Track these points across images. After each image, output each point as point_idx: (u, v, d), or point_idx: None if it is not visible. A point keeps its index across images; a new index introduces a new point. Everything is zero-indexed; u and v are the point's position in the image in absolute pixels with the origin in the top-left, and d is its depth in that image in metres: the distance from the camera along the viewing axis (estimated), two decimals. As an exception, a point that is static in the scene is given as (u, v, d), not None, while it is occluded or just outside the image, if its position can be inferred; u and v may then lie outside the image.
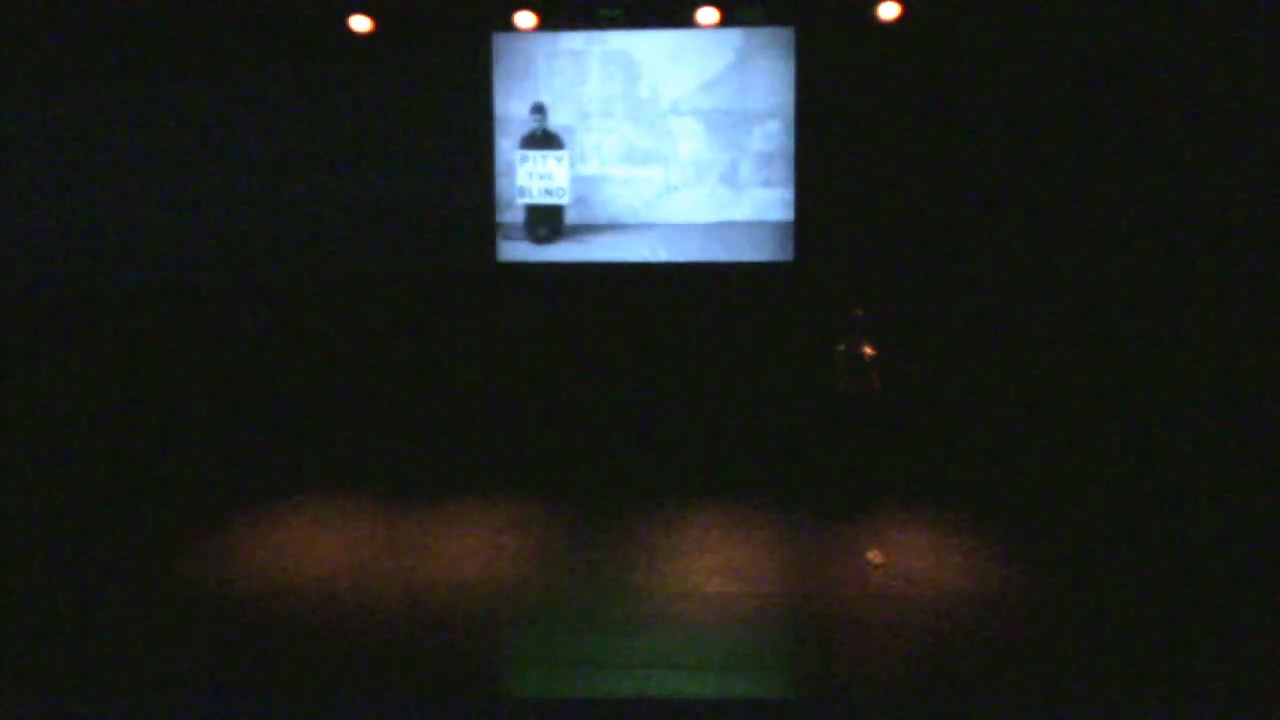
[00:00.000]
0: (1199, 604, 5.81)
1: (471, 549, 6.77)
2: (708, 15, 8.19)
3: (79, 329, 8.91)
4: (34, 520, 7.34)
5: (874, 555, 6.52)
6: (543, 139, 8.67)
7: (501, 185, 8.75)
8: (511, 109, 8.68)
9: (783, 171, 8.51)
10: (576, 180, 8.68)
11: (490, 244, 8.80)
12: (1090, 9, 7.98)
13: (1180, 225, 8.11)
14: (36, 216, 8.96)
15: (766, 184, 8.53)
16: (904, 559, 6.49)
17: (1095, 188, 8.20)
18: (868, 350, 7.28)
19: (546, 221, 8.75)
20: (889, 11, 7.93)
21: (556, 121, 8.66)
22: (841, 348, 7.29)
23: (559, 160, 8.67)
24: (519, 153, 8.71)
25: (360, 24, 8.24)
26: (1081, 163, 8.18)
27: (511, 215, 8.79)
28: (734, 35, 8.42)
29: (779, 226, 8.54)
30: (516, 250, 8.80)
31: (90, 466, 8.31)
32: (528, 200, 8.75)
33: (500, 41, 8.60)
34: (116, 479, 8.10)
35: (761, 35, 8.39)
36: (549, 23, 8.37)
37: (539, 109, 8.64)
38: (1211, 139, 7.97)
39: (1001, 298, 8.39)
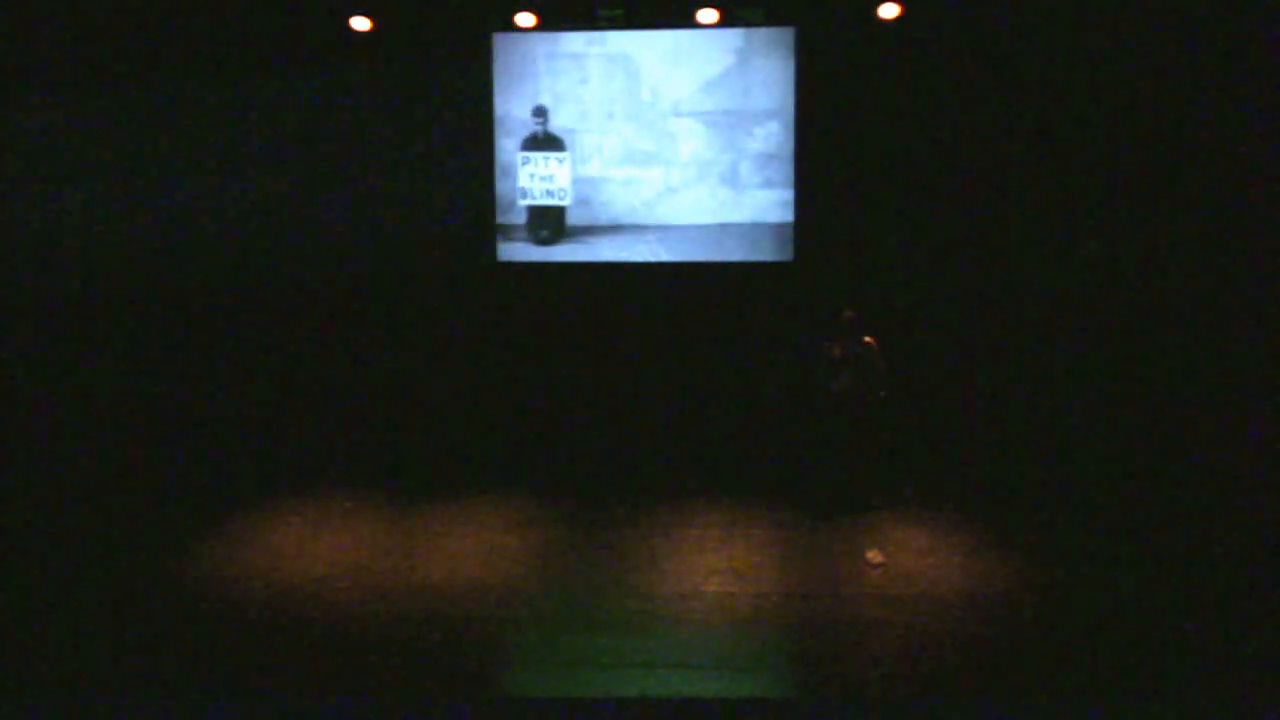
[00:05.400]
0: (1199, 604, 5.81)
1: (471, 549, 6.77)
2: (708, 15, 8.20)
3: (79, 329, 8.91)
4: (34, 520, 7.35)
5: (874, 555, 6.52)
6: (544, 140, 8.68)
7: (503, 186, 8.75)
8: (512, 110, 8.68)
9: (783, 172, 8.51)
10: (578, 181, 8.68)
11: (491, 244, 8.80)
12: (1091, 8, 7.98)
13: (1181, 224, 8.11)
14: (37, 217, 8.96)
15: (767, 184, 8.54)
16: (904, 559, 6.49)
17: (1096, 187, 8.19)
18: (865, 342, 7.25)
19: (548, 222, 8.75)
20: (889, 11, 7.94)
21: (557, 123, 8.66)
22: (837, 352, 7.27)
23: (560, 161, 8.68)
24: (520, 154, 8.71)
25: (360, 24, 8.25)
26: (1082, 162, 8.18)
27: (513, 216, 8.79)
28: (734, 36, 8.43)
29: (779, 227, 8.54)
30: (518, 251, 8.81)
31: (90, 466, 8.31)
32: (529, 201, 8.75)
33: (500, 42, 8.60)
34: (116, 479, 8.10)
35: (761, 35, 8.39)
36: (549, 23, 8.38)
37: (540, 111, 8.65)
38: (1214, 138, 7.97)
39: (1002, 297, 8.39)
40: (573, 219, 8.73)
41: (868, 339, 7.26)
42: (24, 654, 5.42)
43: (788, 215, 8.53)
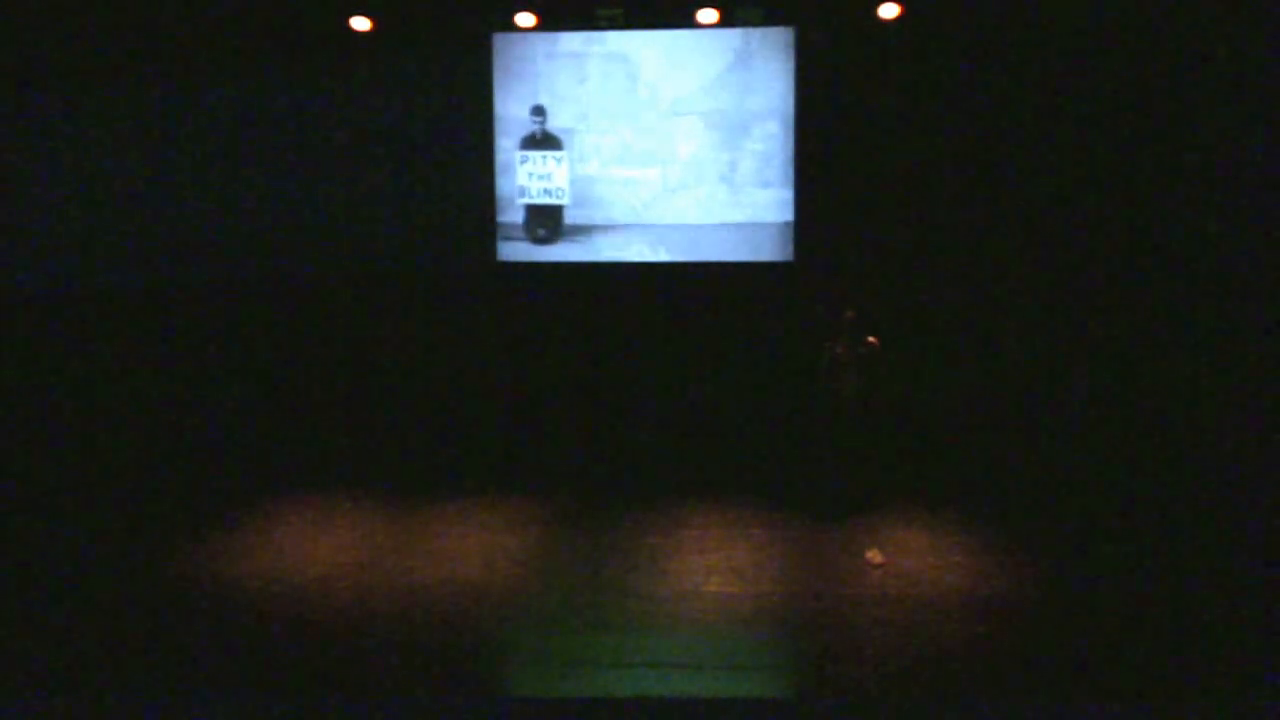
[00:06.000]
0: (1199, 604, 5.81)
1: (471, 549, 6.77)
2: (707, 15, 8.20)
3: (79, 328, 8.90)
4: (33, 520, 7.34)
5: (874, 555, 6.52)
6: (542, 140, 8.67)
7: (501, 185, 8.75)
8: (511, 109, 8.67)
9: (782, 172, 8.50)
10: (576, 181, 8.68)
11: (490, 244, 8.80)
12: (1089, 9, 7.98)
13: (1181, 226, 8.11)
14: (38, 216, 8.95)
15: (766, 185, 8.53)
16: (904, 559, 6.49)
17: (1097, 188, 8.19)
18: (869, 342, 7.25)
19: (546, 222, 8.75)
20: (889, 11, 7.94)
21: (556, 122, 8.66)
22: (839, 350, 7.27)
23: (558, 161, 8.67)
24: (518, 153, 8.70)
25: (360, 24, 8.24)
26: (1082, 163, 8.18)
27: (511, 215, 8.79)
28: (733, 35, 8.42)
29: (778, 227, 8.54)
30: (516, 250, 8.80)
31: (90, 466, 8.30)
32: (527, 200, 8.74)
33: (500, 42, 8.60)
34: (117, 478, 8.09)
35: (761, 35, 8.39)
36: (549, 23, 8.37)
37: (539, 111, 8.64)
38: (1213, 138, 7.97)
39: (1002, 298, 8.38)
40: (571, 219, 8.72)
41: (871, 339, 7.26)
42: (24, 654, 5.42)
43: (787, 215, 8.53)
